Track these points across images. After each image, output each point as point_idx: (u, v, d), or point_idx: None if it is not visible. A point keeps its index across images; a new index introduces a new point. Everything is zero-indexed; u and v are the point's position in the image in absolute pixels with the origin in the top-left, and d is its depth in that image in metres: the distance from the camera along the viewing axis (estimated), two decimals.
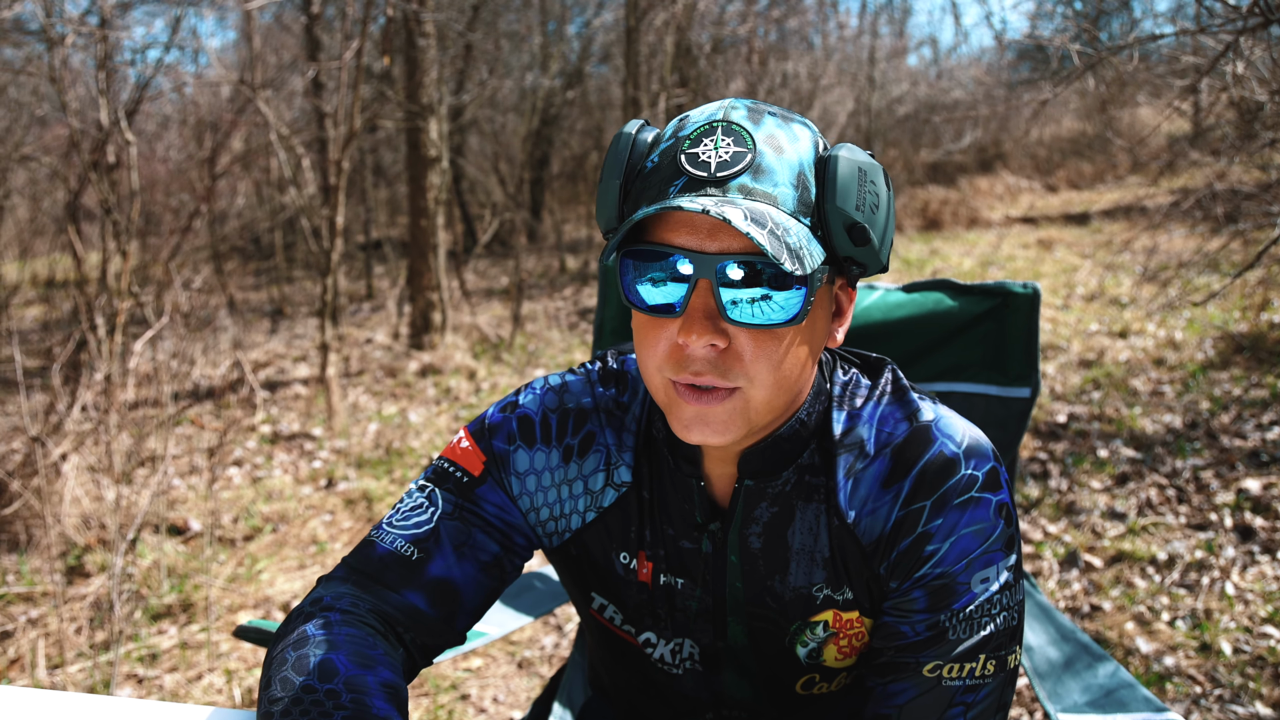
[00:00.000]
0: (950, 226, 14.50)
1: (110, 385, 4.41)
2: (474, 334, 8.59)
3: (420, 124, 7.77)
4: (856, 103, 14.42)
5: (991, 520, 1.16)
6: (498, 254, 14.23)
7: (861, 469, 1.22)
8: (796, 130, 1.09)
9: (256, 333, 9.46)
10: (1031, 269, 10.65)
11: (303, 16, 11.05)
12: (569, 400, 1.32)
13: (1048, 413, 5.70)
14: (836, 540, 1.22)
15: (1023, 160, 19.18)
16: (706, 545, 1.26)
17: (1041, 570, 3.92)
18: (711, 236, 1.01)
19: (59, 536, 3.99)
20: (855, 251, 1.07)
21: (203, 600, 3.63)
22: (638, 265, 1.06)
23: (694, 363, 1.05)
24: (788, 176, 1.04)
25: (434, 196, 7.99)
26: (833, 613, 1.26)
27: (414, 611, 1.20)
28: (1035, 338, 1.95)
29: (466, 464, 1.29)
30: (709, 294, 1.03)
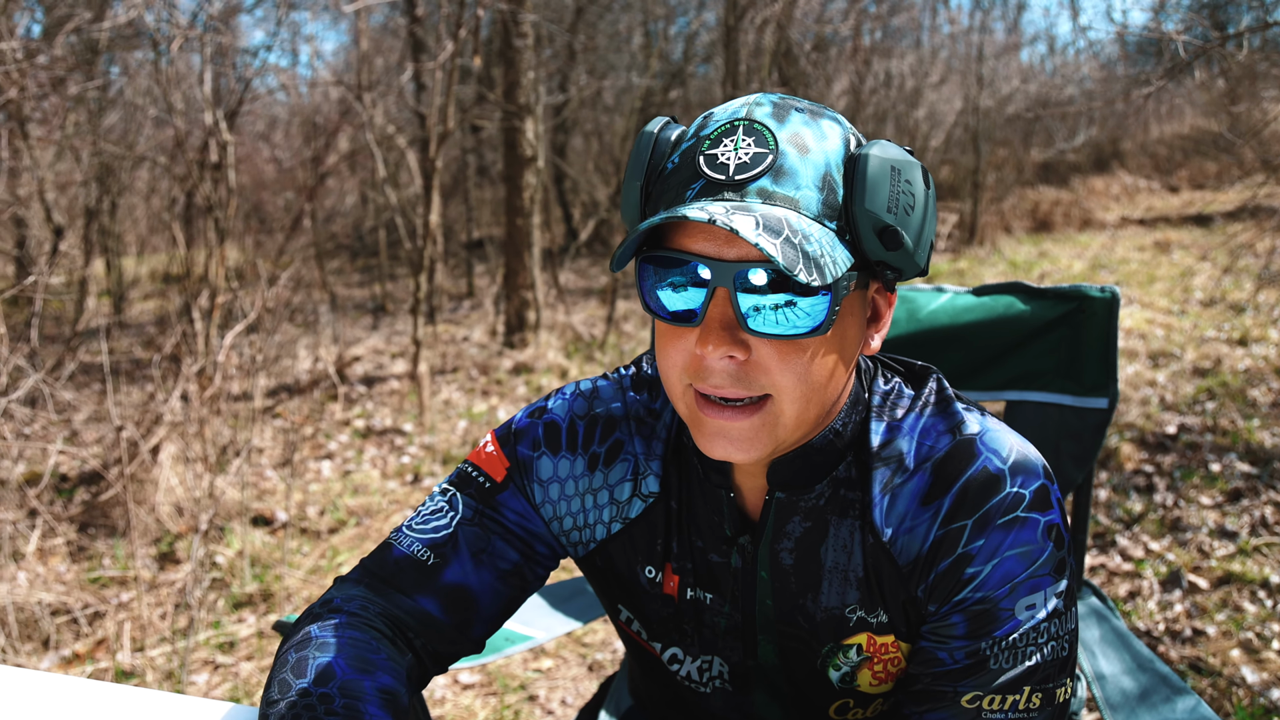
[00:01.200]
0: (1061, 228, 14.10)
1: (204, 377, 4.57)
2: (568, 333, 8.67)
3: (517, 124, 7.87)
4: (965, 101, 14.11)
5: (1039, 542, 1.08)
6: (599, 253, 14.32)
7: (900, 484, 1.15)
8: (825, 127, 1.03)
9: (358, 329, 9.70)
10: (1146, 272, 10.29)
11: (406, 19, 11.29)
12: (598, 406, 1.29)
13: (1156, 423, 5.45)
14: (871, 559, 1.15)
15: (1141, 159, 18.54)
16: (736, 560, 1.21)
17: (1140, 590, 3.73)
18: (730, 243, 0.97)
19: (153, 524, 4.16)
20: (887, 256, 1.02)
21: (282, 591, 3.74)
22: (657, 270, 1.03)
23: (713, 375, 1.01)
24: (812, 178, 0.99)
25: (530, 196, 8.08)
26: (867, 636, 1.19)
27: (426, 617, 1.19)
28: (1113, 345, 1.85)
29: (490, 469, 1.27)
30: (727, 303, 0.99)
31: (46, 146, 6.56)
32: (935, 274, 11.15)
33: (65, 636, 3.41)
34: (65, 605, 3.54)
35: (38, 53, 5.00)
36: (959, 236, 13.52)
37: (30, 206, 5.92)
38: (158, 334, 6.58)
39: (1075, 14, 10.88)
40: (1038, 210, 14.66)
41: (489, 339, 8.65)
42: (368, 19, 10.78)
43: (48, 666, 3.20)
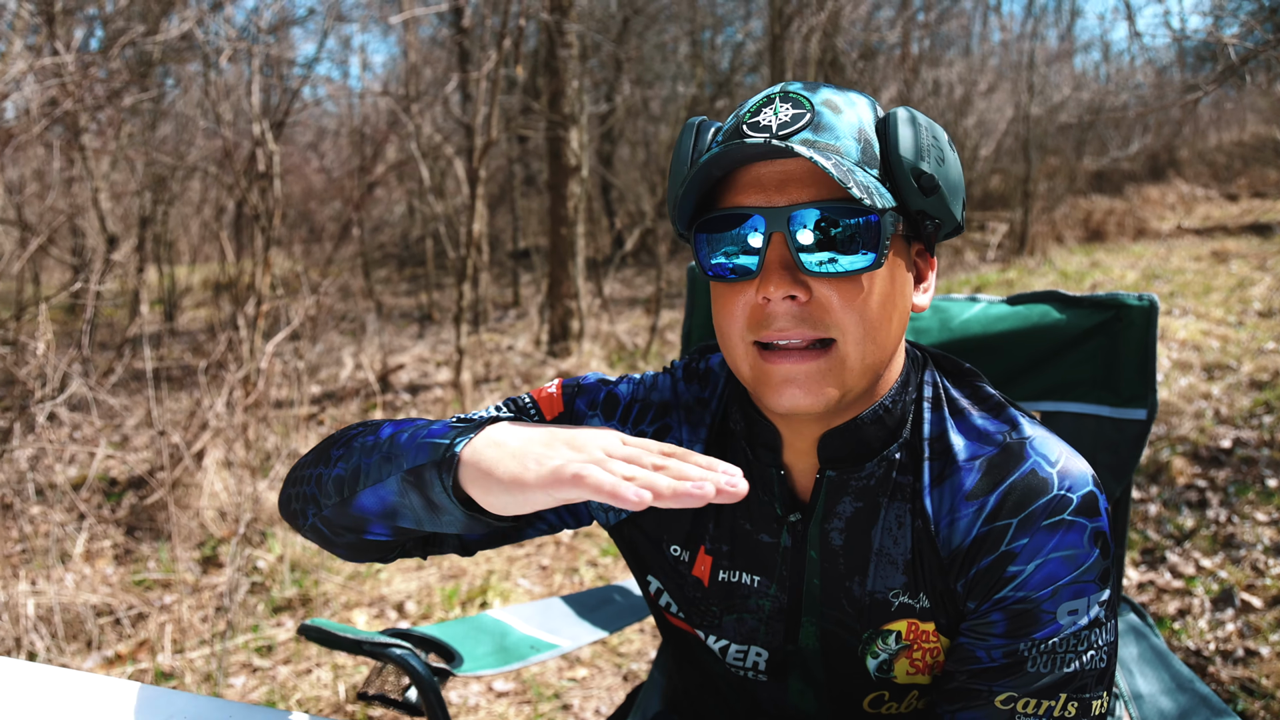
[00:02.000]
0: (1114, 238, 13.84)
1: (248, 384, 4.64)
2: (611, 342, 8.68)
3: (562, 133, 7.91)
4: (1016, 109, 13.97)
5: (1085, 548, 1.08)
6: (644, 263, 14.34)
7: (949, 476, 1.16)
8: (853, 97, 1.10)
9: (405, 337, 9.78)
10: (1202, 282, 10.07)
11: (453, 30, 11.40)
12: (654, 396, 1.33)
13: (1210, 436, 5.31)
14: (918, 543, 1.17)
15: (1199, 167, 18.21)
16: (786, 539, 1.22)
17: (1191, 608, 3.62)
18: (780, 191, 1.04)
19: (197, 528, 4.22)
20: (926, 203, 1.07)
21: (320, 596, 3.78)
22: (711, 239, 1.08)
23: (777, 319, 1.04)
24: (849, 132, 1.06)
25: (574, 205, 8.11)
26: (907, 622, 1.19)
27: None
28: (1152, 354, 1.81)
29: (544, 406, 1.31)
30: (784, 246, 1.04)
31: (102, 157, 6.70)
32: (984, 284, 11.05)
33: (109, 637, 3.47)
34: (110, 607, 3.60)
35: (92, 65, 5.11)
36: (1009, 246, 13.35)
37: (86, 215, 6.05)
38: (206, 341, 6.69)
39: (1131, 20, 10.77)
40: (1090, 219, 14.43)
41: (533, 348, 8.69)
42: (416, 30, 10.91)
43: (90, 667, 3.25)
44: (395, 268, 13.99)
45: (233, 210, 7.45)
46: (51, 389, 3.61)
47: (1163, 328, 7.95)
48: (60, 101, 4.57)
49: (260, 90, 5.40)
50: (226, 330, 5.18)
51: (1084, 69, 21.46)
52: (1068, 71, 17.94)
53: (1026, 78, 13.45)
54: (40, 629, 3.19)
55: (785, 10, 9.13)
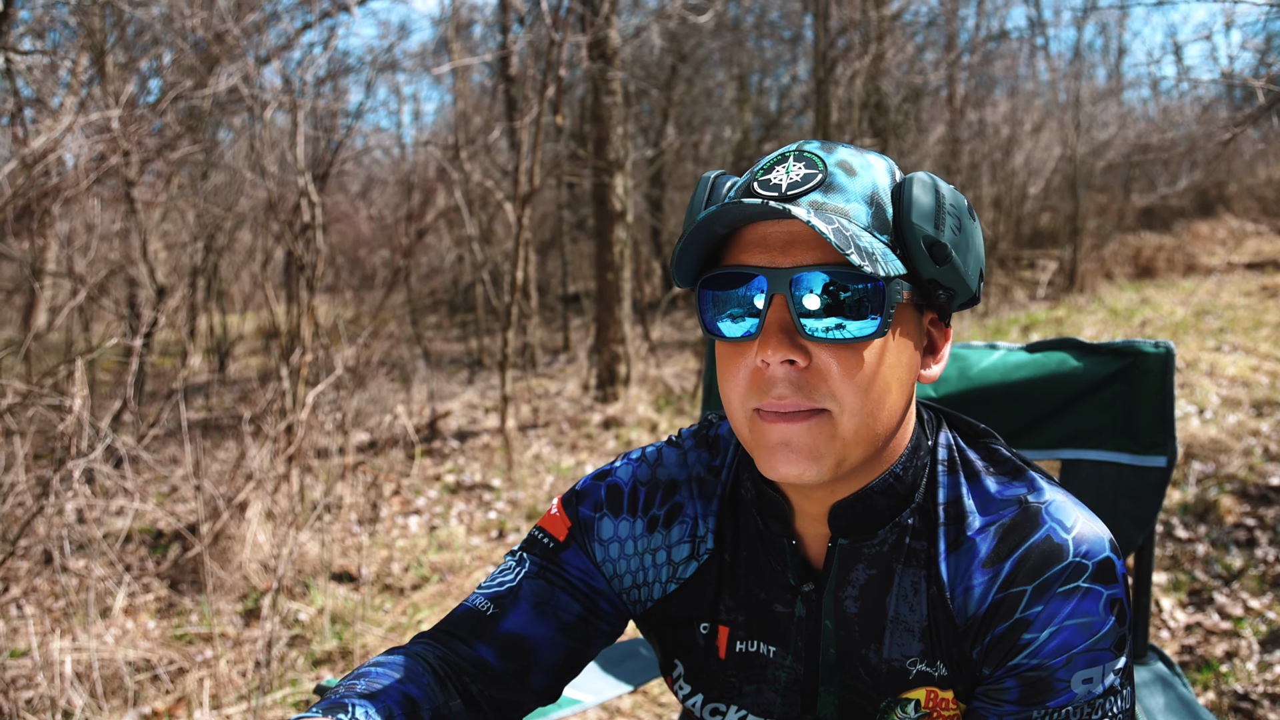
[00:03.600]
0: (1164, 274, 13.80)
1: (290, 434, 4.64)
2: (658, 386, 8.64)
3: (606, 180, 7.94)
4: (1063, 146, 13.89)
5: (1101, 615, 1.06)
6: (694, 305, 14.30)
7: (963, 542, 1.15)
8: (870, 159, 1.09)
9: (455, 383, 9.81)
10: (1252, 318, 9.97)
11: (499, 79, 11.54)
12: (661, 473, 1.31)
13: (1260, 474, 5.21)
14: (934, 611, 1.15)
15: (1248, 202, 18.11)
16: (800, 609, 1.21)
17: (1238, 650, 3.54)
18: (784, 253, 1.02)
19: (240, 580, 4.20)
20: (938, 273, 1.05)
21: (360, 648, 3.73)
22: (715, 299, 1.07)
23: (775, 385, 1.02)
24: (860, 194, 1.04)
25: (620, 250, 8.12)
26: (926, 691, 1.17)
27: (482, 664, 1.19)
28: (1170, 401, 1.81)
29: (553, 530, 1.30)
30: (784, 309, 1.02)
31: (153, 209, 6.80)
32: (1033, 322, 10.93)
33: (148, 693, 3.45)
34: (149, 662, 3.58)
35: (143, 118, 5.20)
36: (1059, 284, 13.24)
37: (138, 266, 6.14)
38: (256, 390, 6.73)
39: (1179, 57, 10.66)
40: (1139, 256, 14.42)
41: (581, 393, 8.67)
42: (468, 79, 11.05)
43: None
44: (446, 314, 14.08)
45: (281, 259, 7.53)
46: (88, 444, 3.62)
47: (1212, 364, 7.91)
48: (109, 156, 4.64)
49: (306, 142, 5.46)
50: (273, 380, 5.20)
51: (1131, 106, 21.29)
52: (1115, 109, 17.80)
53: (1073, 116, 13.37)
54: (78, 686, 3.17)
55: (829, 54, 9.14)
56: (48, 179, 4.30)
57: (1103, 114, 16.18)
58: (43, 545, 3.68)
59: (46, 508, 3.53)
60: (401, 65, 8.52)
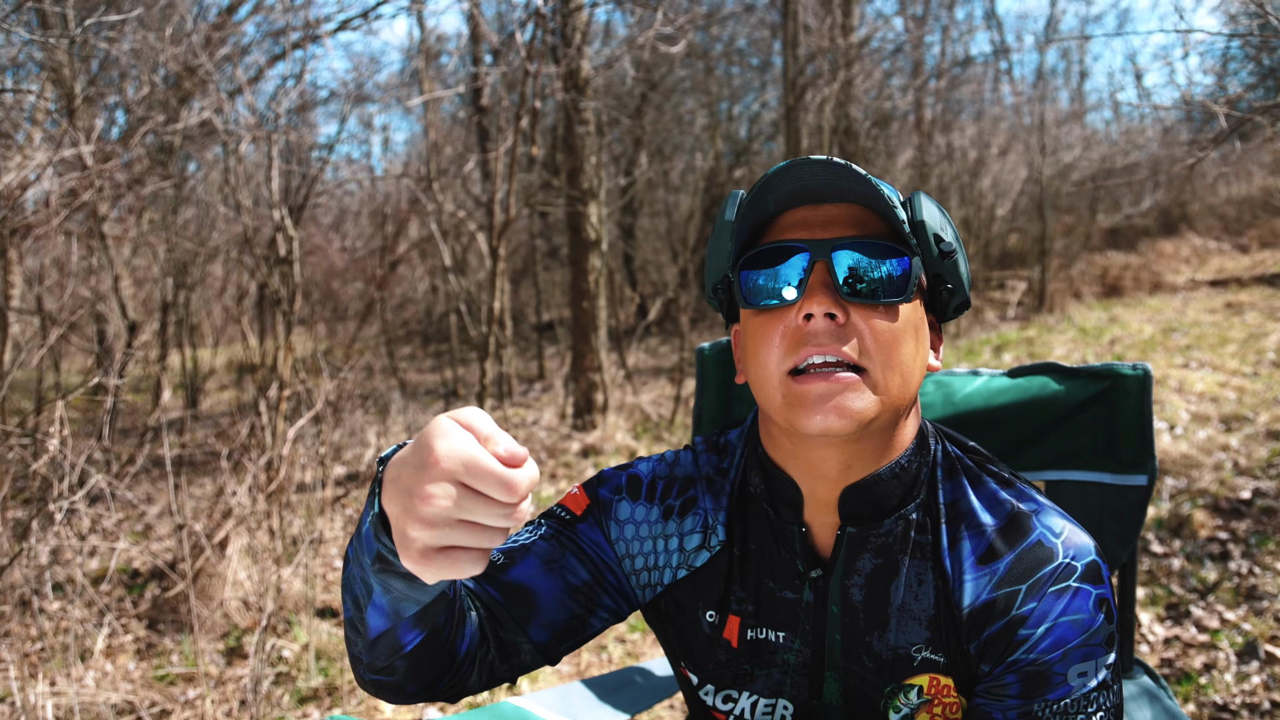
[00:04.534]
0: (1131, 292, 13.99)
1: (270, 470, 4.59)
2: (636, 414, 8.63)
3: (581, 208, 7.95)
4: (1029, 169, 14.07)
5: (1091, 613, 1.15)
6: (668, 332, 14.34)
7: (962, 542, 1.24)
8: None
9: (430, 414, 9.74)
10: (1217, 334, 10.10)
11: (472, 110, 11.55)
12: (678, 470, 1.40)
13: (1230, 488, 5.30)
14: (940, 601, 1.23)
15: (1210, 221, 18.45)
16: (808, 594, 1.28)
17: (1216, 662, 3.59)
18: (824, 229, 1.15)
19: (221, 618, 4.14)
20: (943, 266, 1.20)
21: (347, 684, 3.68)
22: (754, 275, 1.18)
23: (817, 335, 1.11)
24: (885, 190, 1.15)
25: (595, 279, 8.12)
26: (929, 677, 1.24)
27: (489, 599, 1.26)
28: (1149, 422, 1.85)
29: (572, 506, 1.38)
30: (826, 273, 1.13)
31: (123, 244, 6.74)
32: (1005, 342, 11.03)
33: None
34: (131, 705, 3.52)
35: (114, 155, 5.16)
36: (1029, 304, 13.37)
37: (108, 302, 6.08)
38: (231, 425, 6.66)
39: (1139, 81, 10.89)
40: (1107, 275, 14.61)
41: (558, 421, 8.64)
42: (438, 110, 11.05)
43: None
44: (420, 344, 14.02)
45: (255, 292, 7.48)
46: (69, 484, 3.56)
47: (1180, 380, 8.02)
48: (80, 192, 4.60)
49: (280, 175, 5.43)
50: (249, 415, 5.15)
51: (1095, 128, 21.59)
52: (1079, 131, 18.07)
53: (1038, 139, 13.55)
54: None
55: (799, 81, 9.22)
56: (14, 215, 4.25)
57: (1067, 136, 16.41)
58: (19, 589, 3.61)
59: (24, 551, 3.47)
60: (374, 97, 8.52)
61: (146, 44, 5.57)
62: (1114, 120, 23.42)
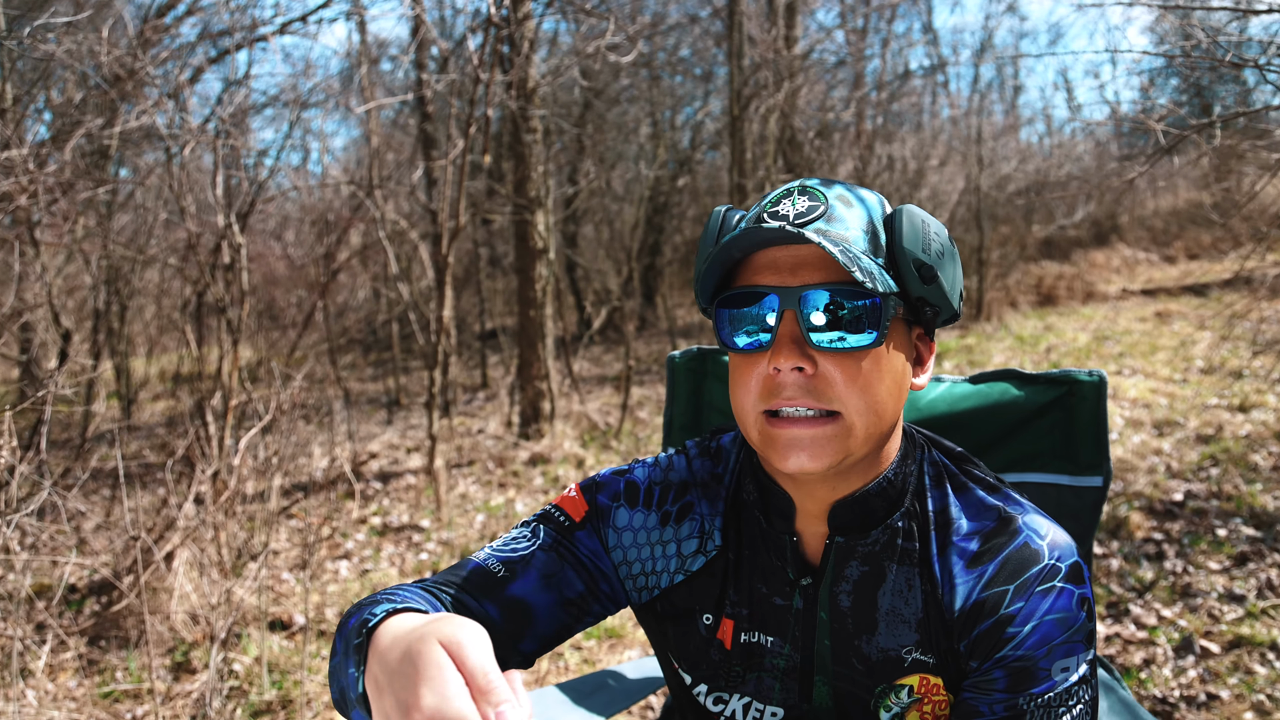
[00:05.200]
0: (1065, 301, 14.34)
1: (218, 481, 4.49)
2: (583, 422, 8.60)
3: (527, 217, 7.90)
4: (966, 180, 14.29)
5: (1074, 611, 1.21)
6: (611, 340, 14.33)
7: (951, 546, 1.28)
8: (864, 194, 1.24)
9: (373, 424, 9.63)
10: (1148, 342, 10.39)
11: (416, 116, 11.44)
12: (673, 475, 1.43)
13: (1164, 491, 5.49)
14: (928, 605, 1.28)
15: (1139, 232, 18.96)
16: (798, 601, 1.32)
17: (1155, 657, 3.74)
18: (794, 274, 1.16)
19: (168, 633, 4.04)
20: (925, 290, 1.19)
21: (302, 696, 3.61)
22: (732, 317, 1.21)
23: (785, 388, 1.15)
24: (859, 224, 1.19)
25: (542, 287, 8.08)
26: (919, 677, 1.29)
27: (487, 619, 1.26)
28: (1104, 426, 1.91)
29: (570, 510, 1.40)
30: (794, 323, 1.15)
31: (56, 251, 6.57)
32: (944, 350, 11.21)
33: None
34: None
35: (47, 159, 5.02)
36: (967, 312, 13.57)
37: (37, 312, 5.90)
38: (169, 437, 6.52)
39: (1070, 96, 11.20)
40: (1042, 285, 14.93)
41: (504, 430, 8.58)
42: (378, 116, 10.93)
43: None
44: (360, 353, 13.84)
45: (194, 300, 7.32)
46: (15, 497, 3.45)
47: (1114, 387, 8.26)
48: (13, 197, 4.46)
49: (224, 180, 5.32)
50: (192, 425, 5.03)
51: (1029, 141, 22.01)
52: (1014, 144, 18.40)
53: (976, 151, 13.76)
54: None
55: (744, 92, 9.27)
56: None
57: (1003, 148, 16.71)
58: None
59: None
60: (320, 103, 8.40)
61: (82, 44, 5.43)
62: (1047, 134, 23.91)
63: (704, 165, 14.57)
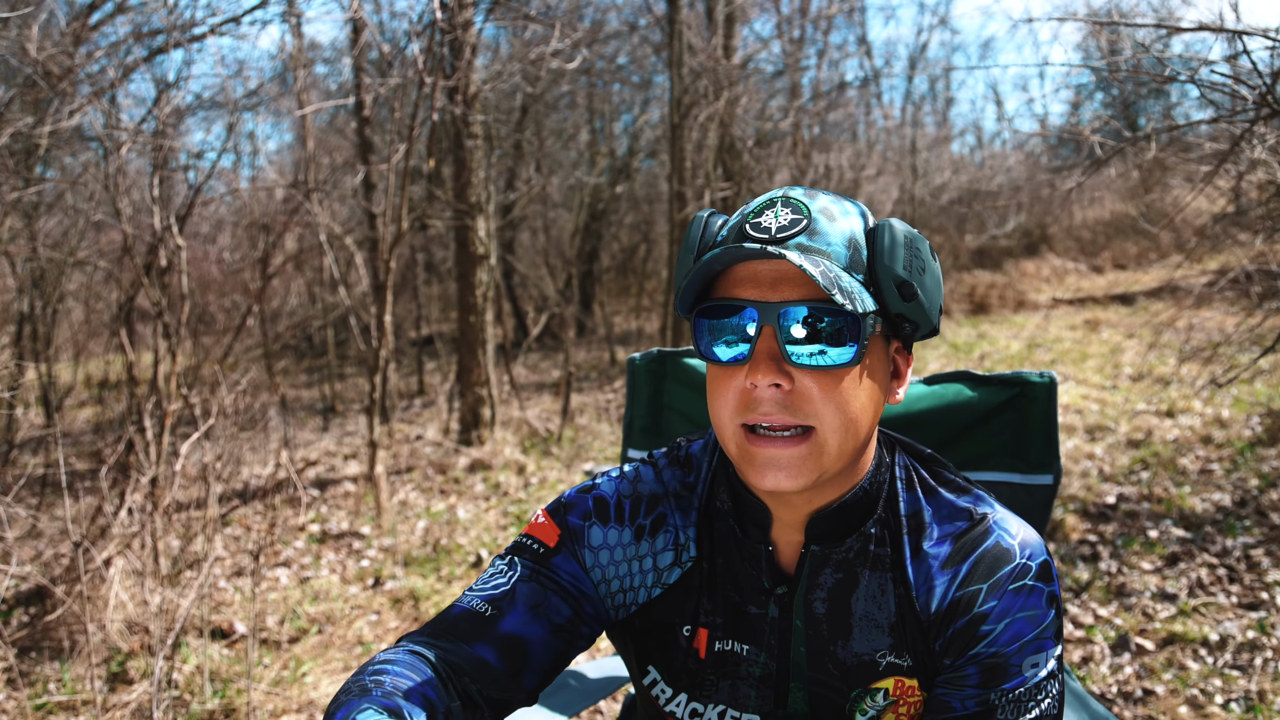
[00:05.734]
0: (997, 310, 14.59)
1: (157, 487, 4.40)
2: (523, 428, 8.57)
3: (468, 222, 7.87)
4: (901, 191, 14.49)
5: (1044, 609, 1.23)
6: (549, 347, 14.30)
7: (924, 548, 1.29)
8: (848, 206, 1.23)
9: (308, 431, 9.51)
10: (1078, 350, 10.62)
11: (354, 120, 11.32)
12: (642, 488, 1.42)
13: (1096, 494, 5.63)
14: (901, 608, 1.29)
15: (1068, 243, 19.33)
16: (773, 610, 1.32)
17: (1093, 655, 3.83)
18: (774, 289, 1.15)
19: (102, 643, 3.95)
20: (905, 308, 1.19)
21: (245, 705, 3.55)
22: (711, 327, 1.20)
23: (762, 404, 1.14)
24: (840, 239, 1.18)
25: (482, 293, 8.04)
26: (895, 680, 1.30)
27: (482, 664, 1.23)
28: (1054, 425, 1.96)
29: (543, 537, 1.37)
30: (772, 339, 1.14)
31: None
32: None
33: None
34: None
35: None
36: None
37: None
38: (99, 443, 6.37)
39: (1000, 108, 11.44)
40: (974, 293, 15.14)
41: (443, 437, 8.52)
42: (313, 119, 10.80)
43: None
44: (294, 359, 13.65)
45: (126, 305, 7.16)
46: None
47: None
48: None
49: (162, 182, 5.22)
50: (125, 431, 4.92)
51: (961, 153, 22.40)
52: (947, 156, 18.72)
53: (910, 162, 13.97)
54: None
55: (684, 100, 9.31)
56: None
57: (936, 159, 16.98)
58: None
59: None
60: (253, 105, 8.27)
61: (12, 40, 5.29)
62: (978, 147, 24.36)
63: (642, 173, 14.61)
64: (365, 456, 7.80)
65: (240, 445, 6.91)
